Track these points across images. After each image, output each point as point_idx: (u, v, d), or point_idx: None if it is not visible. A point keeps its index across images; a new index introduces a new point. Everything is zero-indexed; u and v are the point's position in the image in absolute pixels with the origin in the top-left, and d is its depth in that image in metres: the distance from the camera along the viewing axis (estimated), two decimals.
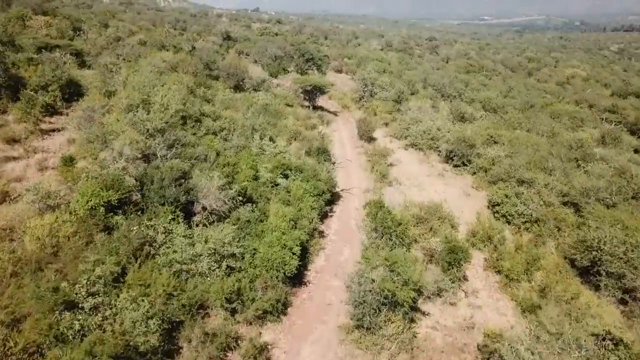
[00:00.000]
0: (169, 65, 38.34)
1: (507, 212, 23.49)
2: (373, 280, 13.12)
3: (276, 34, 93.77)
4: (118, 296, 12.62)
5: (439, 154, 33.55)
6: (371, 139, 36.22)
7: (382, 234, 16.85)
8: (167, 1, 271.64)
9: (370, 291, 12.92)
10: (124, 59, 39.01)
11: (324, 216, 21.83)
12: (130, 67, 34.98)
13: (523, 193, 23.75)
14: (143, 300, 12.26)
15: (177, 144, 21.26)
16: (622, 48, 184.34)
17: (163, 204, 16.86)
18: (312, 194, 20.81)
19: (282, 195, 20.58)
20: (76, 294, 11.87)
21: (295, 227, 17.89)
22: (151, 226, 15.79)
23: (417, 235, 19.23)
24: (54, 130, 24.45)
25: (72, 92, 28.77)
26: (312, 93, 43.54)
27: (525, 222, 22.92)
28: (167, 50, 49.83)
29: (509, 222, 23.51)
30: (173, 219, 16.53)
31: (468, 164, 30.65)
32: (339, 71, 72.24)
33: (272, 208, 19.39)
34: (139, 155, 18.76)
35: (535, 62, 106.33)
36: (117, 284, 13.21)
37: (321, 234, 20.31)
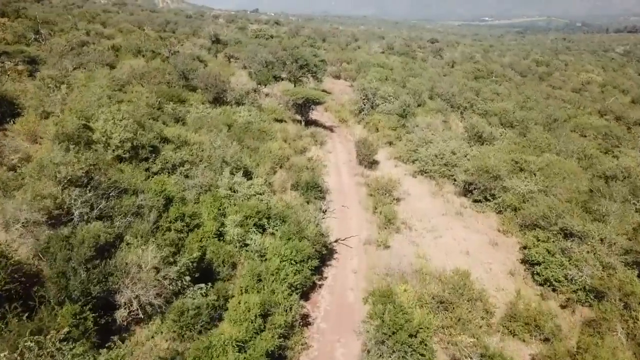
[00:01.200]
0: (137, 75, 32.81)
1: (552, 276, 17.90)
2: None
3: (271, 37, 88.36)
4: None
5: (454, 183, 28.00)
6: (373, 163, 30.65)
7: (393, 350, 11.31)
8: (166, 2, 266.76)
9: None
10: (84, 68, 33.53)
11: (310, 288, 16.23)
12: (88, 78, 29.50)
13: (573, 250, 18.15)
14: None
15: (112, 192, 15.69)
16: (627, 50, 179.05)
17: (63, 301, 11.29)
18: (294, 261, 15.21)
19: (252, 266, 15.00)
20: None
21: (264, 327, 12.31)
22: (35, 345, 10.22)
23: (438, 329, 13.64)
24: None
25: (5, 111, 23.22)
26: (305, 106, 37.96)
27: (577, 290, 17.37)
28: (143, 56, 44.46)
29: (554, 290, 17.95)
30: (77, 325, 10.96)
31: (491, 199, 25.07)
32: (337, 77, 66.74)
33: (235, 290, 13.86)
34: (43, 219, 13.15)
35: (544, 66, 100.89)
36: None
37: (305, 319, 14.69)
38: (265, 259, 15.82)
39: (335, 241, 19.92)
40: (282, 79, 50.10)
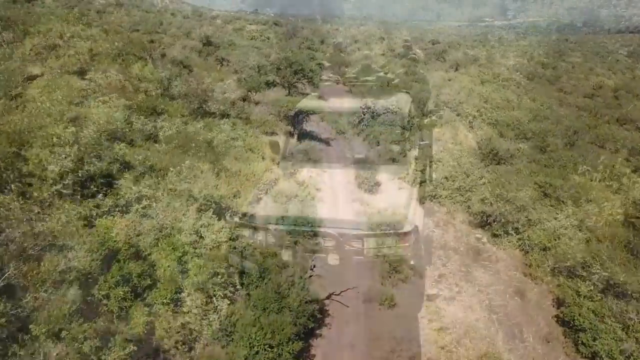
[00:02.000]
0: (106, 84, 28.98)
1: (603, 349, 14.08)
2: None
3: (268, 38, 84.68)
4: None
5: (467, 210, 24.15)
6: (374, 185, 26.82)
7: None
8: (165, 2, 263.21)
9: None
10: (49, 76, 29.70)
11: None
12: (45, 89, 25.69)
13: (629, 314, 14.33)
14: None
15: (30, 250, 11.85)
16: (631, 51, 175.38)
17: None
18: (268, 347, 11.38)
19: (212, 356, 11.18)
20: None
21: None
22: None
23: None
24: None
25: None
26: (298, 117, 34.17)
27: None
28: (123, 61, 40.67)
29: None
30: None
31: (514, 234, 21.23)
32: (336, 82, 62.99)
33: None
34: None
35: (551, 68, 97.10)
36: None
37: None
38: (232, 339, 12.00)
39: (328, 297, 16.10)
40: (276, 85, 46.30)
